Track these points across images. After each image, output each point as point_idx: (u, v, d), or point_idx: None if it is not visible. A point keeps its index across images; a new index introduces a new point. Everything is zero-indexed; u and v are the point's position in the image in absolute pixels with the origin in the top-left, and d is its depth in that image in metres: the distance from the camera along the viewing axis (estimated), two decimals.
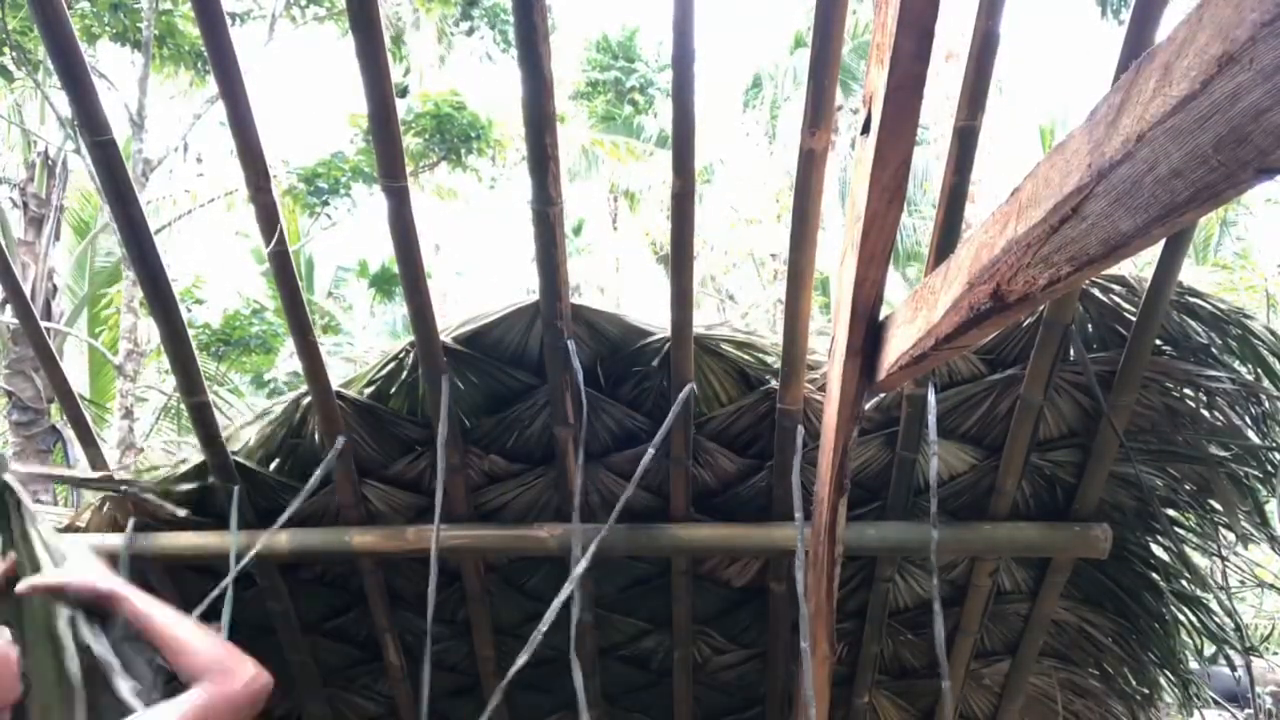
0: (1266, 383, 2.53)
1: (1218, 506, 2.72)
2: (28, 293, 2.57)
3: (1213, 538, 2.77)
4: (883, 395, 2.58)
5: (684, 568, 2.88)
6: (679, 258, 2.34)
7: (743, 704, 3.26)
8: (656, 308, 2.66)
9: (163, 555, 2.84)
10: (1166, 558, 2.83)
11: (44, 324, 2.64)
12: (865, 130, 1.76)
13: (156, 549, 2.82)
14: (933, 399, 2.50)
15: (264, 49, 9.19)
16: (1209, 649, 3.07)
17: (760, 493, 2.79)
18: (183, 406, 3.40)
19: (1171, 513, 2.78)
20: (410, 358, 2.64)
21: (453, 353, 2.58)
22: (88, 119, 2.15)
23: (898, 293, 11.24)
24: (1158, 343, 2.49)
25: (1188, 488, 2.73)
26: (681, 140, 2.11)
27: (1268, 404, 2.54)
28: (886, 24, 1.59)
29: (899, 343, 1.77)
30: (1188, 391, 2.59)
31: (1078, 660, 3.11)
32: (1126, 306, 2.47)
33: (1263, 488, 2.65)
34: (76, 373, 10.89)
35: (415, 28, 14.72)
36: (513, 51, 2.57)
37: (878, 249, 1.83)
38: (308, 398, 2.68)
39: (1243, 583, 3.11)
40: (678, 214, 2.25)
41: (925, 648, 3.03)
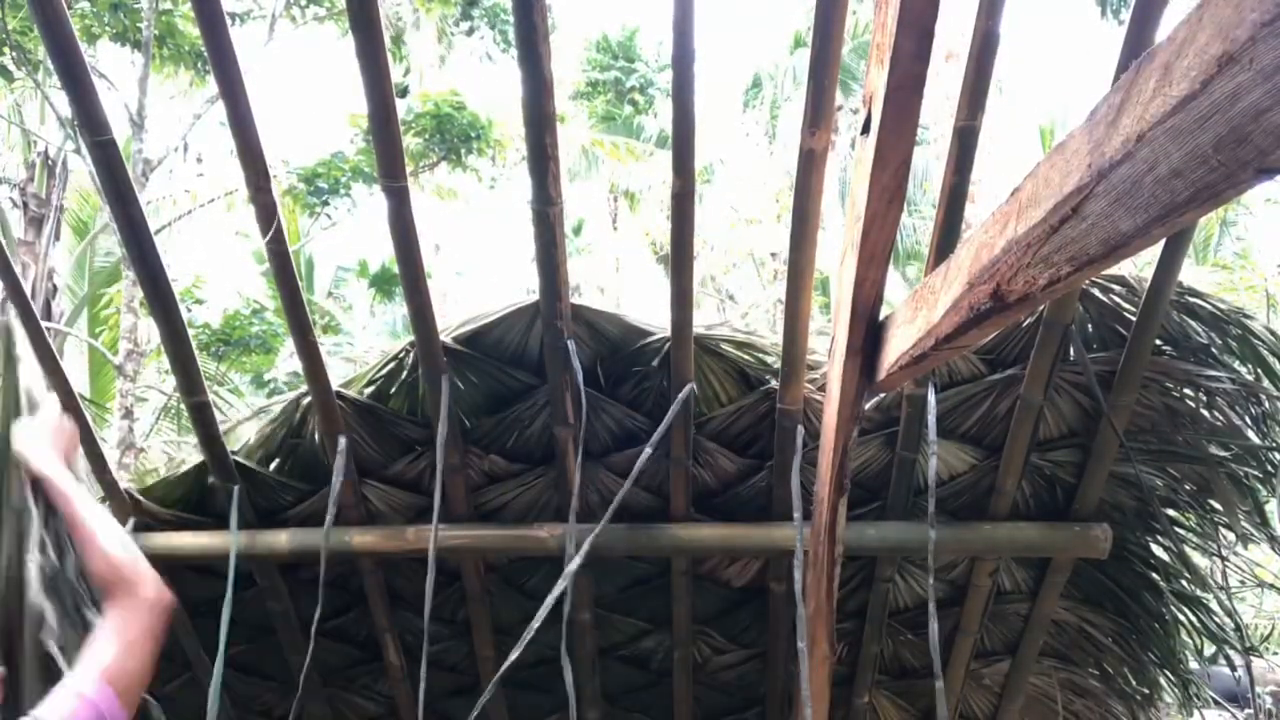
0: (1266, 383, 2.52)
1: (1218, 506, 2.71)
2: (28, 293, 2.56)
3: (1213, 538, 2.76)
4: (883, 395, 2.58)
5: (684, 568, 2.88)
6: (679, 258, 2.33)
7: (743, 704, 3.26)
8: (656, 308, 2.66)
9: (162, 555, 2.83)
10: (1166, 558, 2.83)
11: (44, 324, 2.64)
12: (865, 130, 1.76)
13: (156, 548, 2.81)
14: (932, 399, 2.50)
15: (264, 49, 9.20)
16: (1209, 649, 3.06)
17: (760, 493, 2.79)
18: (183, 406, 3.40)
19: (1171, 513, 2.78)
20: (410, 358, 2.64)
21: (453, 353, 2.58)
22: (88, 119, 2.15)
23: (898, 293, 11.24)
24: (1158, 343, 2.49)
25: (1188, 488, 2.73)
26: (681, 140, 2.10)
27: (1268, 404, 2.54)
28: (886, 24, 1.60)
29: (899, 343, 1.76)
30: (1188, 391, 2.58)
31: (1078, 660, 3.11)
32: (1126, 306, 2.47)
33: (1263, 488, 2.64)
34: (77, 373, 10.89)
35: (415, 28, 14.73)
36: (513, 51, 2.57)
37: (878, 249, 1.83)
38: (308, 398, 2.68)
39: (1243, 583, 3.11)
40: (678, 214, 2.25)
41: (925, 648, 3.02)
